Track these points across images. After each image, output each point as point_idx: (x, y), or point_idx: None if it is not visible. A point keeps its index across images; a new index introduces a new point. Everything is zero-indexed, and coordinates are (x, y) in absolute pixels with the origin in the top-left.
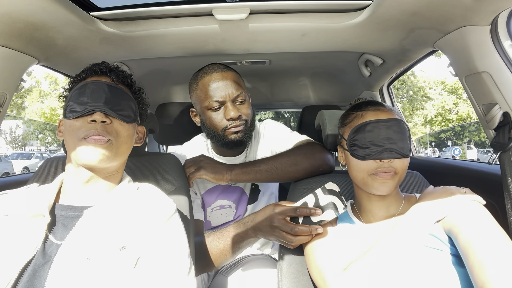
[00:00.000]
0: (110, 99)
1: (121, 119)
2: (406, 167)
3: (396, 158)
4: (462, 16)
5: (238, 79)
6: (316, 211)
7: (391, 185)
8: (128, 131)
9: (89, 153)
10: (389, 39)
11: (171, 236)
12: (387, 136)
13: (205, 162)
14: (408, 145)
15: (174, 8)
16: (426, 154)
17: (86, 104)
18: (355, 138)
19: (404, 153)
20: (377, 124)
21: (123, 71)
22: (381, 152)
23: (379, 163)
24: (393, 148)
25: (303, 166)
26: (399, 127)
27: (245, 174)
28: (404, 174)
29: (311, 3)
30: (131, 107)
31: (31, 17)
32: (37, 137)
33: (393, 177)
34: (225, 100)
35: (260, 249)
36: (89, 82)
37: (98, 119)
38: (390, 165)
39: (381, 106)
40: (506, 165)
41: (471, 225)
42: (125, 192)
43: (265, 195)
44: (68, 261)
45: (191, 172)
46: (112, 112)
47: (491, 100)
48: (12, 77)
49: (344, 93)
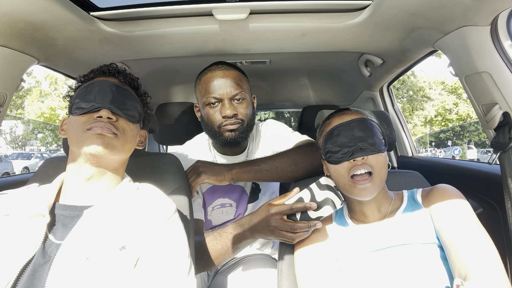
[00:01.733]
0: (117, 98)
1: (126, 118)
2: (382, 163)
3: (369, 155)
4: (462, 16)
5: (240, 78)
6: (311, 205)
7: (371, 188)
8: (133, 130)
9: (94, 141)
10: (389, 39)
11: (171, 236)
12: (356, 135)
13: (204, 166)
14: (380, 140)
15: (174, 8)
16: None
17: (93, 101)
18: (327, 146)
19: (376, 148)
20: (343, 127)
21: (130, 73)
22: (353, 153)
23: (353, 162)
24: (364, 146)
25: (303, 166)
26: (366, 124)
27: (245, 173)
28: (383, 171)
29: (311, 3)
30: (136, 108)
31: (31, 17)
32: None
33: (371, 180)
34: (223, 97)
35: (260, 249)
36: (96, 81)
37: (104, 115)
38: (363, 162)
39: (347, 110)
40: (506, 165)
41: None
42: (125, 192)
43: (266, 194)
44: (68, 261)
45: (192, 180)
46: (118, 110)
47: (491, 100)
48: (12, 77)
49: (344, 93)
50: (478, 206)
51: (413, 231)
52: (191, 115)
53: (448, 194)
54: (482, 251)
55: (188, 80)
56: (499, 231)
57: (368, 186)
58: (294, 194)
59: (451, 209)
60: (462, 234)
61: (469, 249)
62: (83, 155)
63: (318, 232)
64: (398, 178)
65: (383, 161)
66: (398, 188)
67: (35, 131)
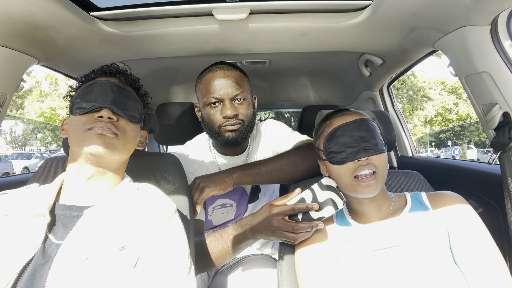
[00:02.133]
0: (118, 98)
1: (127, 118)
2: (384, 162)
3: (373, 155)
4: (462, 16)
5: (241, 79)
6: (313, 206)
7: (375, 186)
8: (134, 131)
9: (95, 141)
10: (389, 39)
11: (170, 236)
12: (359, 135)
13: (204, 180)
14: (381, 141)
15: (174, 8)
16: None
17: (94, 101)
18: (329, 146)
19: (379, 148)
20: (346, 127)
21: (131, 74)
22: (357, 153)
23: (357, 163)
24: (368, 146)
25: (303, 167)
26: (368, 125)
27: (246, 176)
28: (385, 171)
29: (311, 3)
30: (137, 108)
31: (31, 17)
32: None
33: (375, 178)
34: (224, 98)
35: (260, 249)
36: (97, 81)
37: (105, 115)
38: (368, 162)
39: (347, 111)
40: (506, 165)
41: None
42: (125, 192)
43: (266, 194)
44: (68, 261)
45: (197, 197)
46: (119, 111)
47: (491, 100)
48: (12, 77)
49: (344, 93)
50: (478, 206)
51: (421, 231)
52: (191, 115)
53: (460, 202)
54: (496, 272)
55: (188, 80)
56: (499, 231)
57: (372, 183)
58: (296, 194)
59: (467, 221)
60: (479, 254)
61: (485, 271)
62: (83, 154)
63: (319, 232)
64: (398, 178)
65: (385, 161)
66: (398, 188)
67: (35, 131)
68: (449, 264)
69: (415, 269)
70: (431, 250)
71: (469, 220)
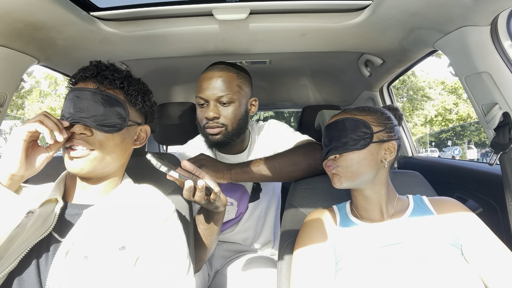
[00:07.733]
0: (92, 108)
1: (103, 131)
2: (352, 159)
3: (338, 154)
4: (462, 16)
5: (232, 81)
6: None
7: (339, 181)
8: (114, 140)
9: (71, 163)
10: (389, 39)
11: (169, 236)
12: (332, 135)
13: (206, 160)
14: (354, 138)
15: (174, 8)
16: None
17: (68, 114)
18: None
19: (348, 146)
20: (328, 128)
21: (115, 72)
22: (327, 152)
23: (328, 160)
24: (336, 145)
25: (301, 166)
26: (344, 125)
27: (244, 173)
28: (353, 167)
29: (311, 3)
30: (118, 114)
31: (31, 17)
32: None
33: (336, 170)
34: (208, 98)
35: (260, 249)
36: (74, 90)
37: (77, 131)
38: (334, 160)
39: (338, 112)
40: (506, 166)
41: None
42: (125, 192)
43: (267, 194)
44: (67, 259)
45: (190, 165)
46: (92, 124)
47: (491, 100)
48: (12, 77)
49: (344, 93)
50: (478, 206)
51: (426, 230)
52: (191, 115)
53: (466, 210)
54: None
55: (188, 80)
56: (499, 231)
57: (335, 180)
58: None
59: (476, 223)
60: (496, 249)
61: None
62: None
63: (320, 233)
64: (398, 178)
65: (356, 158)
66: (398, 188)
67: None
68: (455, 260)
69: (420, 265)
70: (436, 247)
71: (478, 223)
